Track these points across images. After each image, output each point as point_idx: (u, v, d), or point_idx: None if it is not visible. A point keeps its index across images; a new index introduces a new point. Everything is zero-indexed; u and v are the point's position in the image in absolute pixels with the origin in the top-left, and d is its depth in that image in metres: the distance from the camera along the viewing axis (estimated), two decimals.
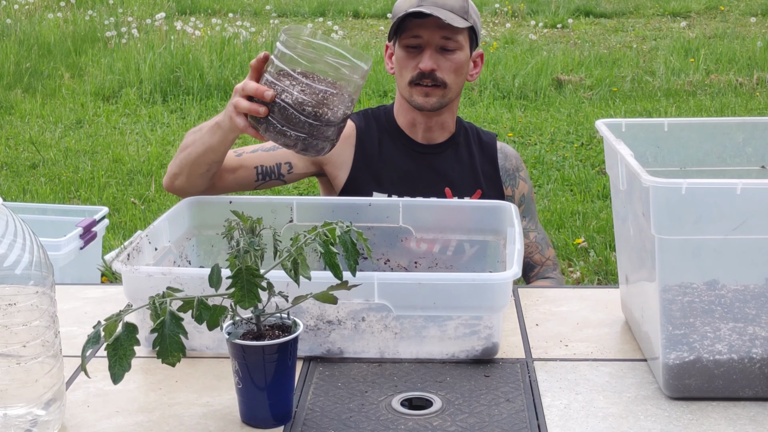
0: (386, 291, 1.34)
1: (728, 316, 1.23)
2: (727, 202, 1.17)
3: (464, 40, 1.94)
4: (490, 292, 1.34)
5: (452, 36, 1.91)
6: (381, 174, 1.97)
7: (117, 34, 8.74)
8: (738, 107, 6.67)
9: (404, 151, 2.00)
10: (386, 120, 2.03)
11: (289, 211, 1.71)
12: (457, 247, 1.70)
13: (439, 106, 1.96)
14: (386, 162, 1.99)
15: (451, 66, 1.93)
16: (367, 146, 1.99)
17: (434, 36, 1.91)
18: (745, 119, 1.56)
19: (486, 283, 1.34)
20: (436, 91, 1.93)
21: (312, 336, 1.38)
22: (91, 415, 1.24)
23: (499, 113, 6.60)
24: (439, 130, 2.01)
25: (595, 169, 5.28)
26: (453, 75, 1.93)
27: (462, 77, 1.96)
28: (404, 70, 1.95)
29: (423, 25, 1.90)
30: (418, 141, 2.01)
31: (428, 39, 1.91)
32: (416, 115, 1.98)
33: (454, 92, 1.96)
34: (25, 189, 5.00)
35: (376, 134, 2.01)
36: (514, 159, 2.07)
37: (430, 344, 1.38)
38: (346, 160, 1.98)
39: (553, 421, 1.22)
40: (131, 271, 1.36)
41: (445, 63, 1.92)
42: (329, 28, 9.87)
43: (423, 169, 1.99)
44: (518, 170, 2.06)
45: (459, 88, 1.97)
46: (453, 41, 1.92)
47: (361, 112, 2.06)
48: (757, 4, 11.16)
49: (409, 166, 1.99)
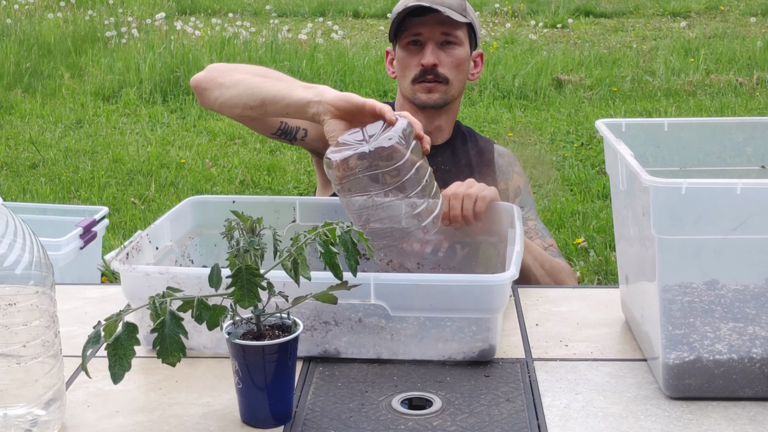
0: (383, 292, 1.34)
1: (728, 316, 1.23)
2: (727, 202, 1.17)
3: (464, 36, 1.97)
4: (488, 293, 1.33)
5: (452, 32, 1.94)
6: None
7: (117, 34, 8.74)
8: (738, 107, 6.67)
9: None
10: None
11: (292, 211, 1.71)
12: (449, 249, 1.70)
13: (443, 103, 1.97)
14: None
15: (452, 61, 1.94)
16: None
17: (434, 32, 1.93)
18: (745, 119, 1.56)
19: (483, 284, 1.33)
20: (439, 87, 1.95)
21: (308, 336, 1.38)
22: (91, 415, 1.24)
23: (499, 113, 6.60)
24: (438, 133, 2.01)
25: (595, 169, 5.28)
26: (454, 71, 1.95)
27: (463, 74, 1.98)
28: (406, 70, 1.97)
29: (423, 23, 1.93)
30: None
31: (428, 35, 1.94)
32: (418, 116, 1.99)
33: (456, 89, 1.97)
34: (25, 189, 5.00)
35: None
36: (508, 156, 2.08)
37: (427, 346, 1.37)
38: None
39: (553, 421, 1.22)
40: (129, 270, 1.36)
41: (446, 58, 1.94)
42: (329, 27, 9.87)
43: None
44: (512, 165, 2.06)
45: (461, 85, 1.98)
46: (453, 36, 1.94)
47: None
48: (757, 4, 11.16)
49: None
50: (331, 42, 8.74)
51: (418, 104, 1.97)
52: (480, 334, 1.36)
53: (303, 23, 10.20)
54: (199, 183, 5.13)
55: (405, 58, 1.97)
